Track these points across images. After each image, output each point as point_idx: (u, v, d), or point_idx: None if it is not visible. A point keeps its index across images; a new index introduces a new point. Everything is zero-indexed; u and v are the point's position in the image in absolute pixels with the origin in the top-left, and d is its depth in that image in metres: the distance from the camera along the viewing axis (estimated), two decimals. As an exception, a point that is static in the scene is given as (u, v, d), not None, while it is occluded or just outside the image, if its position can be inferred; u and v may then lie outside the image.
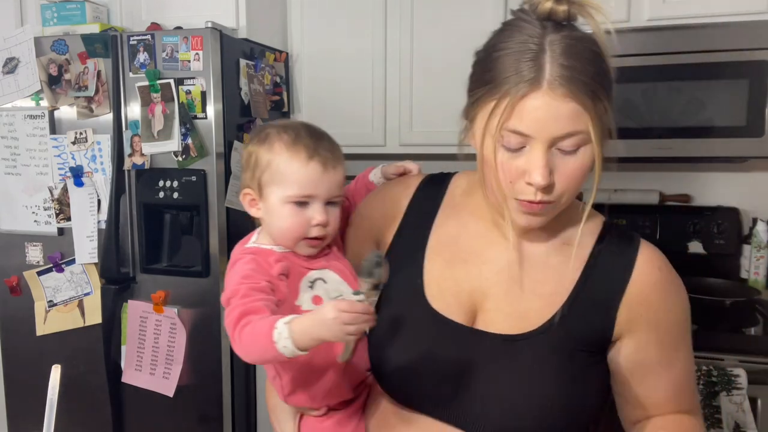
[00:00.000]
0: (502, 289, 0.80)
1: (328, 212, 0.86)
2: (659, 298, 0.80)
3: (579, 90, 0.68)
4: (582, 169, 0.74)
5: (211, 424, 1.95)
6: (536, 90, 0.68)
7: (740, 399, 1.42)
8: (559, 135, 0.70)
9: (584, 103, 0.69)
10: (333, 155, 0.87)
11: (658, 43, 1.72)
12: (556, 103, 0.68)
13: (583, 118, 0.69)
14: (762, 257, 1.93)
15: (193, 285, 1.90)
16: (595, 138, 0.71)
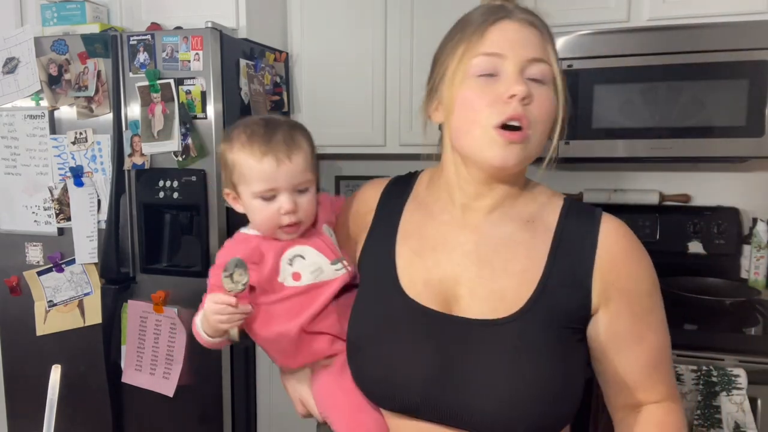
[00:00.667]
0: (474, 273, 0.80)
1: (296, 199, 0.91)
2: (627, 266, 0.80)
3: (541, 24, 0.79)
4: (550, 103, 0.78)
5: (211, 424, 1.95)
6: (506, 18, 0.78)
7: (740, 399, 1.42)
8: (529, 57, 0.76)
9: (545, 37, 0.78)
10: (287, 147, 0.90)
11: (658, 43, 1.72)
12: (524, 28, 0.77)
13: (546, 49, 0.78)
14: (762, 257, 1.93)
15: (193, 285, 1.90)
16: (558, 72, 0.78)
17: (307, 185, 0.93)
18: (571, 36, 1.80)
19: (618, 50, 1.76)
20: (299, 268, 0.93)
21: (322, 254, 0.94)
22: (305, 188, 0.93)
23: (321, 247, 0.95)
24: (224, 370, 1.94)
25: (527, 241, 0.81)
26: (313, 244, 0.95)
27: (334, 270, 0.93)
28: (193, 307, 1.95)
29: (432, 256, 0.84)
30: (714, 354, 1.50)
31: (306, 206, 0.93)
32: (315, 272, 0.93)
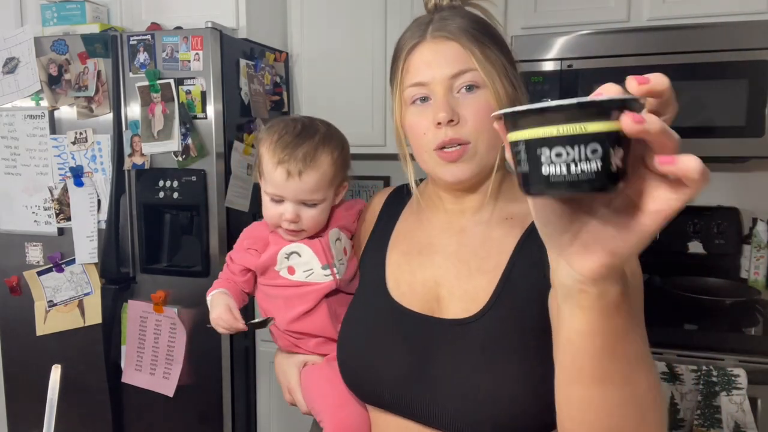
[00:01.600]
0: (452, 274, 0.82)
1: (301, 211, 0.94)
2: None
3: (459, 32, 0.77)
4: (486, 108, 0.77)
5: (211, 424, 1.95)
6: (422, 41, 0.79)
7: (740, 399, 1.42)
8: (450, 74, 0.77)
9: (465, 44, 0.77)
10: (303, 164, 0.92)
11: (658, 43, 1.72)
12: (439, 47, 0.78)
13: (469, 58, 0.77)
14: (762, 257, 1.93)
15: (193, 285, 1.90)
16: (486, 76, 0.77)
17: (316, 202, 0.95)
18: (571, 36, 1.80)
19: (618, 50, 1.76)
20: (294, 264, 0.98)
21: (317, 257, 0.97)
22: (313, 204, 0.95)
23: (317, 249, 0.98)
24: (224, 370, 1.94)
25: (501, 237, 0.81)
26: (311, 245, 0.98)
27: (323, 274, 0.97)
28: (193, 307, 1.96)
29: (418, 260, 0.86)
30: (714, 354, 1.50)
31: (309, 220, 0.95)
32: (307, 272, 0.97)
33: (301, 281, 0.97)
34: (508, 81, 0.79)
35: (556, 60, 1.80)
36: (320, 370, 0.98)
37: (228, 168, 1.90)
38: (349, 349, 0.88)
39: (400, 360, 0.81)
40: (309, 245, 0.98)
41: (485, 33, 0.79)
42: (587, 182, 0.39)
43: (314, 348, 1.00)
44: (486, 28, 0.80)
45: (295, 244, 0.98)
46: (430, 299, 0.82)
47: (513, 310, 0.75)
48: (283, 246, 0.98)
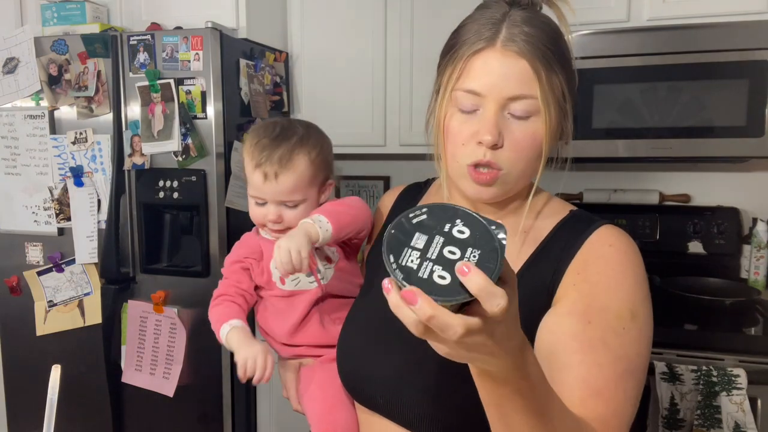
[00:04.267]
0: None
1: (283, 212, 0.97)
2: (599, 273, 0.72)
3: (531, 51, 0.71)
4: (532, 139, 0.73)
5: (211, 424, 1.95)
6: (490, 48, 0.72)
7: (740, 399, 1.42)
8: (510, 95, 0.71)
9: (535, 66, 0.71)
10: (279, 166, 0.93)
11: (658, 43, 1.72)
12: (508, 61, 0.71)
13: (533, 83, 0.71)
14: (762, 257, 1.93)
15: (193, 285, 1.90)
16: (543, 106, 0.71)
17: (296, 203, 0.96)
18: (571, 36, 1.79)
19: (618, 50, 1.76)
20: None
21: None
22: (294, 205, 0.96)
23: None
24: (224, 370, 1.94)
25: (513, 251, 0.78)
26: None
27: (308, 281, 0.98)
28: (193, 307, 1.96)
29: None
30: (714, 354, 1.50)
31: (293, 220, 0.96)
32: (294, 280, 0.99)
33: (290, 290, 0.99)
34: (560, 109, 0.75)
35: (556, 60, 1.80)
36: (312, 374, 1.00)
37: (228, 168, 1.90)
38: (346, 350, 0.88)
39: (395, 363, 0.79)
40: None
41: (556, 52, 0.73)
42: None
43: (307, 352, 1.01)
44: (558, 46, 0.73)
45: None
46: None
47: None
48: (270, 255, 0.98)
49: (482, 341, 0.48)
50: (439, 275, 0.46)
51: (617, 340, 0.68)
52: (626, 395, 0.67)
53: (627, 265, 0.73)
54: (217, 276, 1.88)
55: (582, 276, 0.72)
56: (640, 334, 0.70)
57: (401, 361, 0.79)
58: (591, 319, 0.69)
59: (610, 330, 0.69)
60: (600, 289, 0.71)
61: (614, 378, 0.67)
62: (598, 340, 0.68)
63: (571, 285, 0.72)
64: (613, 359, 0.67)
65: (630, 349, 0.69)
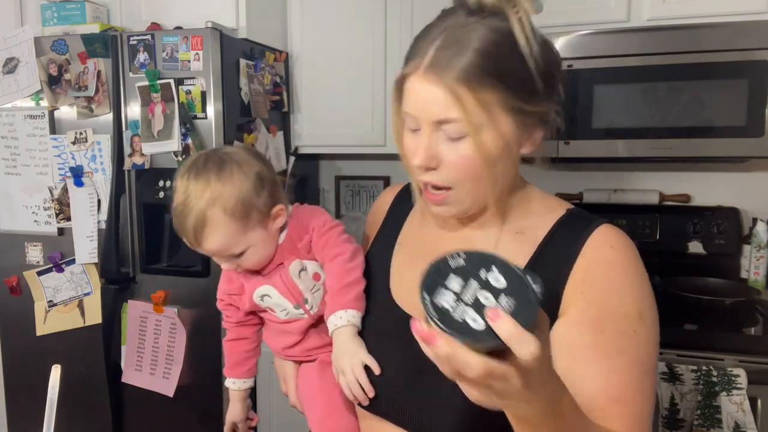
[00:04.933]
0: None
1: (235, 261, 0.93)
2: (603, 278, 0.71)
3: (450, 77, 0.68)
4: (468, 159, 0.71)
5: (211, 424, 1.95)
6: (415, 72, 0.71)
7: (740, 399, 1.42)
8: (437, 119, 0.70)
9: (455, 92, 0.68)
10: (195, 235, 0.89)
11: (658, 43, 1.72)
12: (428, 87, 0.69)
13: (455, 107, 0.68)
14: (762, 257, 1.93)
15: (193, 285, 1.90)
16: (469, 128, 0.69)
17: (239, 251, 0.91)
18: (571, 36, 1.80)
19: (618, 50, 1.76)
20: (269, 305, 0.97)
21: (284, 297, 0.95)
22: (240, 254, 0.92)
23: (283, 290, 0.95)
24: (224, 370, 1.94)
25: (510, 253, 0.75)
26: (276, 286, 0.95)
27: (297, 313, 0.96)
28: (193, 307, 1.96)
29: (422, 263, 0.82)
30: (714, 354, 1.50)
31: (249, 263, 0.93)
32: (283, 312, 0.96)
33: (282, 319, 0.97)
34: (513, 118, 0.71)
35: (556, 60, 1.80)
36: (311, 376, 0.98)
37: (228, 168, 1.90)
38: None
39: (398, 367, 0.79)
40: (274, 286, 0.96)
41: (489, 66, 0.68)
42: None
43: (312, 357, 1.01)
44: (497, 60, 0.69)
45: (263, 286, 0.96)
46: None
47: None
48: (254, 288, 0.97)
49: (515, 389, 0.48)
50: (472, 318, 0.47)
51: (630, 344, 0.69)
52: (644, 396, 0.69)
53: (629, 266, 0.73)
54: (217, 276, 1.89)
55: (587, 282, 0.71)
56: (649, 333, 0.71)
57: (405, 364, 0.78)
58: (603, 327, 0.69)
59: (622, 335, 0.69)
60: (606, 295, 0.70)
61: (631, 382, 0.68)
62: (612, 348, 0.69)
63: (578, 292, 0.71)
64: (628, 364, 0.68)
65: (642, 350, 0.70)
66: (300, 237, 0.96)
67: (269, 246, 0.94)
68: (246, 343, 1.06)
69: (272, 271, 0.96)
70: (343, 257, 0.90)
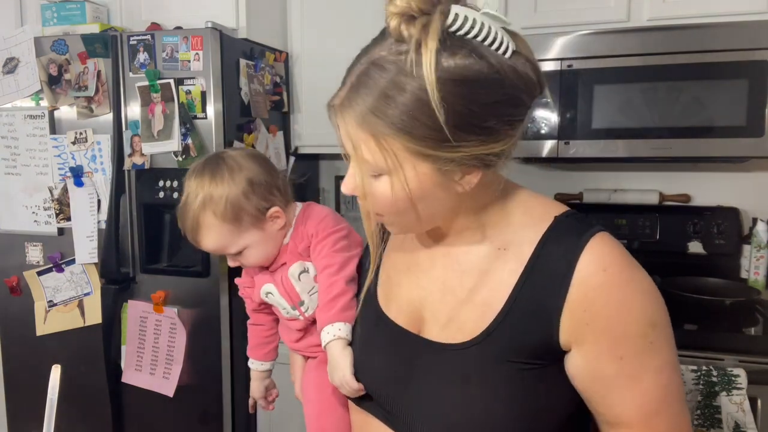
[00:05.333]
0: (437, 298, 0.77)
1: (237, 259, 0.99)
2: (606, 304, 0.68)
3: (354, 120, 0.66)
4: (384, 197, 0.68)
5: (211, 424, 1.95)
6: (332, 107, 0.71)
7: (740, 399, 1.42)
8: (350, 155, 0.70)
9: (358, 136, 0.67)
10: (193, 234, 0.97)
11: (658, 43, 1.72)
12: (341, 124, 0.69)
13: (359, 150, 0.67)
14: (762, 257, 1.93)
15: (193, 285, 1.90)
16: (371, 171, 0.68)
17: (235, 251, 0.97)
18: (571, 36, 1.79)
19: (618, 50, 1.76)
20: (272, 302, 1.03)
21: (283, 298, 1.01)
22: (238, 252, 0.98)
23: (282, 291, 1.00)
24: (224, 370, 1.94)
25: (495, 270, 0.74)
26: (277, 285, 1.01)
27: (294, 314, 1.01)
28: (193, 307, 1.96)
29: (406, 276, 0.82)
30: (714, 354, 1.49)
31: (251, 261, 1.00)
32: (284, 310, 1.02)
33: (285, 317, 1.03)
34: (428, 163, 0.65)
35: (556, 60, 1.80)
36: (310, 373, 1.02)
37: (228, 168, 1.90)
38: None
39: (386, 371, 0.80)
40: (276, 285, 1.00)
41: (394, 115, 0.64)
42: None
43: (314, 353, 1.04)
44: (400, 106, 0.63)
45: (267, 285, 1.01)
46: (416, 318, 0.79)
47: (505, 348, 0.71)
48: (260, 285, 1.03)
49: None
50: None
51: (650, 357, 0.70)
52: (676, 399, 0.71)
53: (628, 282, 0.70)
54: (217, 276, 1.90)
55: (590, 313, 0.68)
56: (665, 336, 0.72)
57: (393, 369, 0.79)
58: (621, 353, 0.69)
59: (641, 353, 0.69)
60: (615, 321, 0.68)
61: (663, 393, 0.70)
62: (636, 369, 0.69)
63: (584, 324, 0.68)
64: (655, 377, 0.70)
65: (663, 355, 0.71)
66: (302, 239, 0.99)
67: (269, 246, 0.98)
68: (262, 329, 1.12)
69: (277, 269, 1.01)
70: (331, 269, 0.92)
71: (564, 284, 0.69)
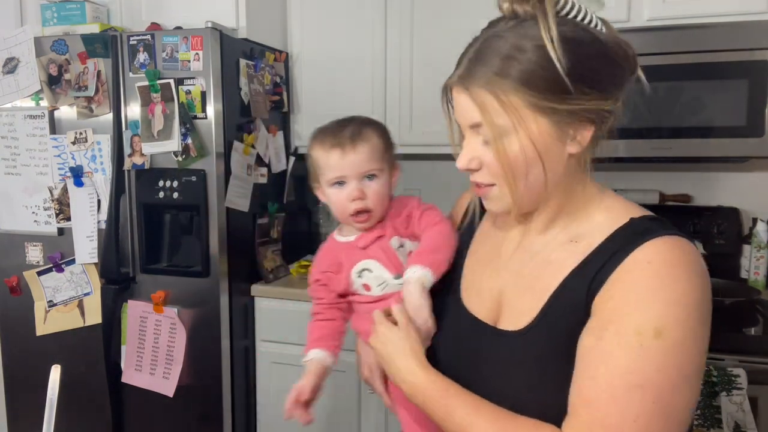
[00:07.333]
0: (512, 289, 0.82)
1: (363, 186, 1.00)
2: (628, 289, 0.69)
3: (476, 86, 0.72)
4: (504, 157, 0.74)
5: (211, 424, 1.95)
6: (451, 84, 0.77)
7: (740, 399, 1.42)
8: (470, 124, 0.76)
9: (480, 98, 0.72)
10: (352, 139, 0.99)
11: (658, 43, 1.72)
12: (460, 96, 0.75)
13: (481, 113, 0.73)
14: (762, 257, 1.93)
15: (193, 285, 1.91)
16: (494, 132, 0.73)
17: (374, 173, 1.00)
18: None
19: (618, 50, 1.76)
20: (368, 281, 1.02)
21: (385, 268, 1.01)
22: (372, 175, 1.00)
23: (384, 261, 1.01)
24: (224, 370, 1.94)
25: (559, 260, 0.77)
26: (378, 258, 1.02)
27: (397, 284, 0.98)
28: (193, 307, 1.96)
29: (488, 267, 0.87)
30: (714, 354, 1.49)
31: (373, 193, 1.00)
32: (381, 285, 1.01)
33: (378, 296, 1.01)
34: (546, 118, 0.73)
35: (556, 60, 1.80)
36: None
37: (228, 168, 1.90)
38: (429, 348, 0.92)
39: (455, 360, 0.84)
40: (376, 259, 1.02)
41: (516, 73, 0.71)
42: None
43: None
44: (520, 64, 0.72)
45: (364, 261, 1.02)
46: (495, 308, 0.83)
47: (550, 335, 0.74)
48: (353, 264, 1.02)
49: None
50: None
51: (628, 355, 0.67)
52: (626, 408, 0.66)
53: (664, 281, 0.69)
54: (217, 276, 1.90)
55: (610, 293, 0.70)
56: (665, 354, 0.68)
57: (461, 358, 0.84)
58: (602, 335, 0.69)
59: (622, 345, 0.67)
60: (622, 305, 0.69)
61: (609, 390, 0.66)
62: (602, 354, 0.68)
63: (602, 302, 0.70)
64: (613, 372, 0.67)
65: (646, 365, 0.67)
66: (399, 213, 1.03)
67: (387, 192, 1.02)
68: (334, 324, 1.08)
69: (373, 244, 1.02)
70: (445, 227, 0.98)
71: (609, 271, 0.71)
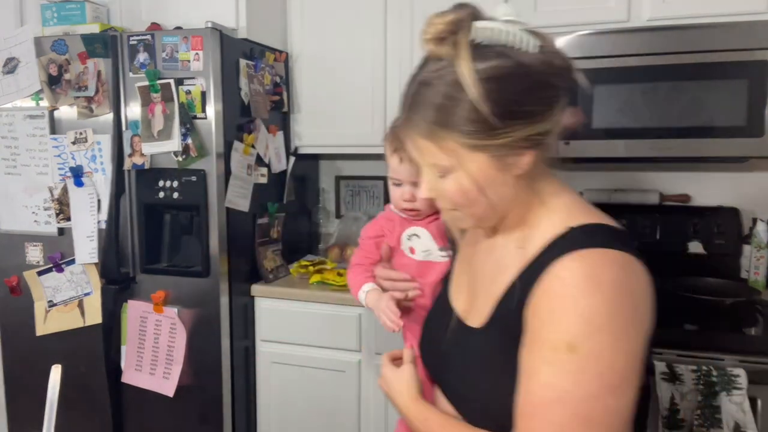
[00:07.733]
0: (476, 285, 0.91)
1: (415, 192, 1.13)
2: (544, 306, 0.73)
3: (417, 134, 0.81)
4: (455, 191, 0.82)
5: (211, 424, 1.95)
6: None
7: (740, 399, 1.42)
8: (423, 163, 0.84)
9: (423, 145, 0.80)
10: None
11: (658, 43, 1.72)
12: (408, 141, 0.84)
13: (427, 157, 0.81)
14: (762, 257, 1.93)
15: (193, 285, 1.91)
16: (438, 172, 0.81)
17: None
18: (571, 36, 1.79)
19: (618, 50, 1.76)
20: (414, 245, 1.18)
21: (434, 239, 1.16)
22: None
23: (434, 232, 1.17)
24: (224, 370, 1.94)
25: (510, 265, 0.83)
26: (429, 228, 1.18)
27: (440, 255, 1.15)
28: (193, 307, 1.96)
29: (465, 263, 0.98)
30: (714, 354, 1.49)
31: (422, 200, 1.11)
32: (425, 252, 1.16)
33: (420, 260, 1.17)
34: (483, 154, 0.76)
35: (556, 60, 1.80)
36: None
37: (228, 168, 1.90)
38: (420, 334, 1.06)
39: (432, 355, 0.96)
40: (427, 228, 1.17)
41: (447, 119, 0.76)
42: None
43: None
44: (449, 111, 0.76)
45: (415, 227, 1.18)
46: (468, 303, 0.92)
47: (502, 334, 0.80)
48: (406, 227, 1.19)
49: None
50: None
51: (548, 370, 0.71)
52: (550, 422, 0.70)
53: (576, 297, 0.71)
54: (217, 276, 1.90)
55: (534, 307, 0.75)
56: (581, 367, 0.70)
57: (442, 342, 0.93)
58: (531, 349, 0.74)
59: (543, 360, 0.72)
60: (540, 323, 0.74)
61: (538, 404, 0.72)
62: (531, 369, 0.74)
63: (530, 315, 0.75)
64: (539, 387, 0.72)
65: (563, 379, 0.70)
66: None
67: None
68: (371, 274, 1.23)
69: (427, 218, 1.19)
70: None
71: (533, 285, 0.76)
